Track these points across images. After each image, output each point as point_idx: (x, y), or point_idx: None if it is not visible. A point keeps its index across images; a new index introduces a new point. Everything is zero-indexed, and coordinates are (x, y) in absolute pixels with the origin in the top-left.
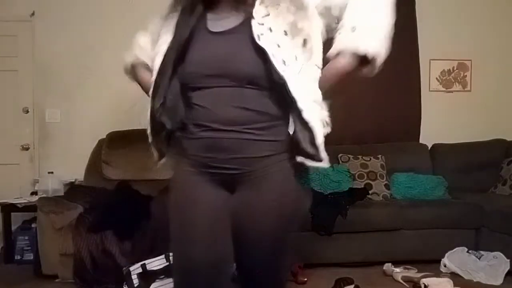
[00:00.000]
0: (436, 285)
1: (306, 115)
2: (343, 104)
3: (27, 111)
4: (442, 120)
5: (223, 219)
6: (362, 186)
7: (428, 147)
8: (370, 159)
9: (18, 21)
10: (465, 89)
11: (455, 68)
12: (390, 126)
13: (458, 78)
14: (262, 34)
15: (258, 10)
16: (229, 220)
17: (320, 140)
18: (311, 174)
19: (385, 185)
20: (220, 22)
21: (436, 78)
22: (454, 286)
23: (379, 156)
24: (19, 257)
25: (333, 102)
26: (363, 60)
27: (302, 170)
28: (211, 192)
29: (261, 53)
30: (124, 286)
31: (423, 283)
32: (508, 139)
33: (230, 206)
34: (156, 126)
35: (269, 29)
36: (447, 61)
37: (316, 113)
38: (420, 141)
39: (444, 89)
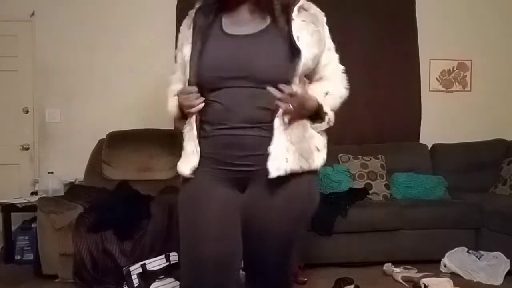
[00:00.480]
0: (436, 285)
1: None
2: (343, 104)
3: (27, 111)
4: (442, 120)
5: (234, 217)
6: (362, 186)
7: (428, 147)
8: (370, 159)
9: (18, 21)
10: (465, 89)
11: (455, 68)
12: (390, 126)
13: (458, 78)
14: (300, 37)
15: (297, 17)
16: (239, 218)
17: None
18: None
19: (385, 185)
20: (239, 25)
21: (436, 78)
22: (454, 286)
23: (379, 156)
24: (19, 257)
25: None
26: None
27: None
28: (223, 190)
29: (286, 55)
30: (124, 286)
31: (423, 283)
32: (508, 139)
33: (241, 204)
34: None
35: (304, 36)
36: (447, 61)
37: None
38: (420, 141)
39: (444, 89)
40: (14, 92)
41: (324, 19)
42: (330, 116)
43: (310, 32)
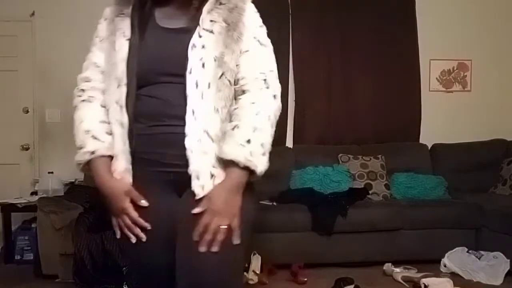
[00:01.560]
0: (436, 285)
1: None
2: (343, 104)
3: (27, 111)
4: (442, 120)
5: (172, 224)
6: (362, 186)
7: (428, 147)
8: (370, 159)
9: (18, 21)
10: (465, 89)
11: (455, 68)
12: (390, 126)
13: (458, 78)
14: (195, 46)
15: (205, 21)
16: (177, 225)
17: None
18: (311, 174)
19: (385, 185)
20: (171, 19)
21: (436, 78)
22: (454, 286)
23: (379, 156)
24: (19, 257)
25: (333, 102)
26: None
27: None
28: (158, 196)
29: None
30: (124, 286)
31: (423, 283)
32: (508, 139)
33: (178, 210)
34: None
35: (202, 46)
36: (447, 61)
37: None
38: (420, 141)
39: (444, 89)
40: (14, 92)
41: (246, 7)
42: (262, 162)
43: (218, 30)
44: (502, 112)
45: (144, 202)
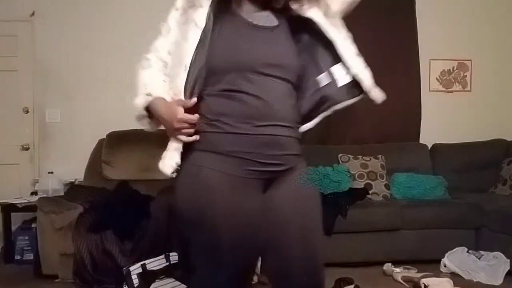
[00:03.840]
0: (436, 285)
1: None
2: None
3: (27, 111)
4: (442, 120)
5: (258, 220)
6: (362, 186)
7: (428, 147)
8: (370, 159)
9: (18, 21)
10: (465, 89)
11: (455, 68)
12: (390, 126)
13: (458, 78)
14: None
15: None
16: (260, 220)
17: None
18: (311, 174)
19: (385, 185)
20: (260, 17)
21: (436, 78)
22: (454, 286)
23: (379, 156)
24: (19, 257)
25: None
26: None
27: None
28: (248, 193)
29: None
30: (124, 286)
31: (423, 283)
32: (508, 139)
33: (264, 205)
34: None
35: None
36: (447, 61)
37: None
38: (420, 141)
39: (444, 89)
40: (14, 92)
41: None
42: None
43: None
44: (502, 112)
45: (193, 100)
